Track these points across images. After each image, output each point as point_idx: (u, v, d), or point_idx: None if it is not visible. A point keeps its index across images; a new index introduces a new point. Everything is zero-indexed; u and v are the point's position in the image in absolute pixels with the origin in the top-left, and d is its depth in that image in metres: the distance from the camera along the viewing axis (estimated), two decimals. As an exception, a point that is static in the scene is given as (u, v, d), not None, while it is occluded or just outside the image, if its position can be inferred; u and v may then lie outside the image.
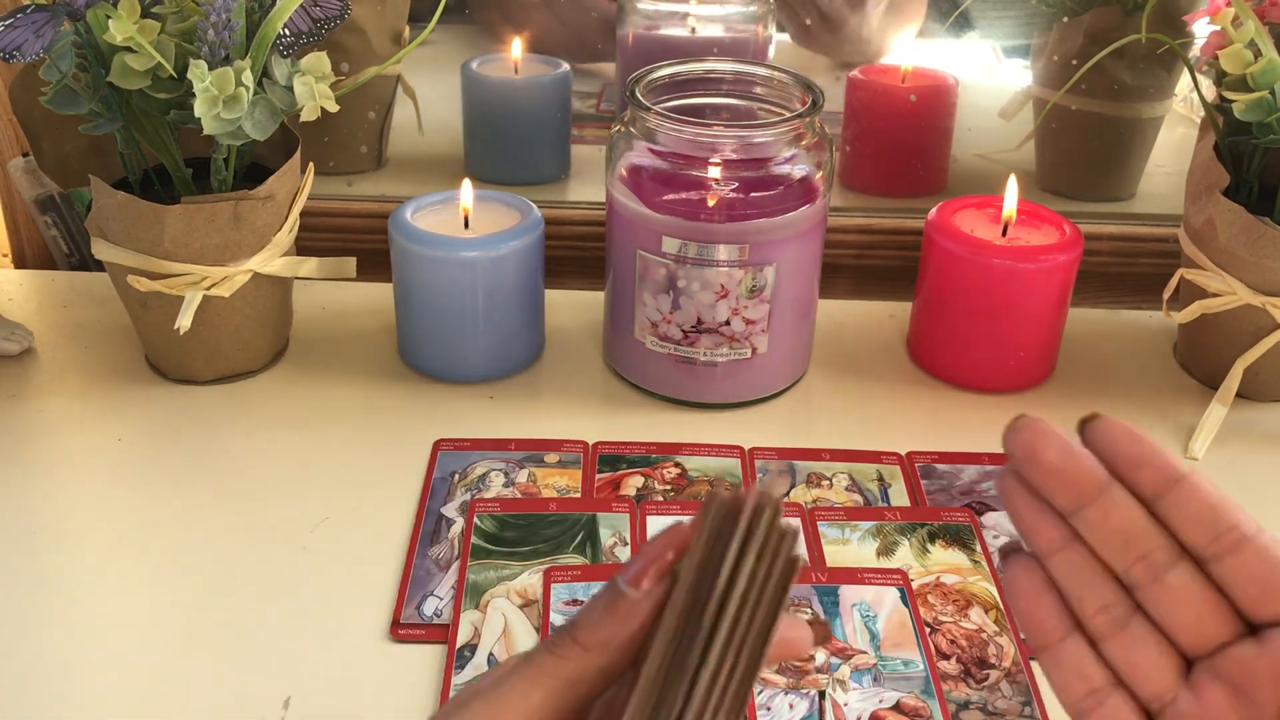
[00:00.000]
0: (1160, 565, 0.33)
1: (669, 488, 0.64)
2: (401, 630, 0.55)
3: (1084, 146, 0.90)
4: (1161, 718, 0.34)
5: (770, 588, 0.29)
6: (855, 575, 0.58)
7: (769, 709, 0.50)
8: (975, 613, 0.56)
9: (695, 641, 0.29)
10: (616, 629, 0.31)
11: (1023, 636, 0.49)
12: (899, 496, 0.64)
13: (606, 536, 0.60)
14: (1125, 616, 0.34)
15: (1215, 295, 0.69)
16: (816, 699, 0.51)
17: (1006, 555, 0.36)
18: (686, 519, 0.32)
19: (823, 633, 0.36)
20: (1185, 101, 0.92)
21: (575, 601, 0.55)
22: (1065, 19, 0.87)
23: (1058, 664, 0.35)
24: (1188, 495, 0.32)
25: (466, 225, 0.72)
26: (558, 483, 0.64)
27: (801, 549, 0.28)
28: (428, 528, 0.61)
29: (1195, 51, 0.70)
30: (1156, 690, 0.34)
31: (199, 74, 0.58)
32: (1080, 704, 0.34)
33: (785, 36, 0.96)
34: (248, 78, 0.60)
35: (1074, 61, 0.85)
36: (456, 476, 0.64)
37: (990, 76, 0.94)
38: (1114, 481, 0.34)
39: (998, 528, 0.62)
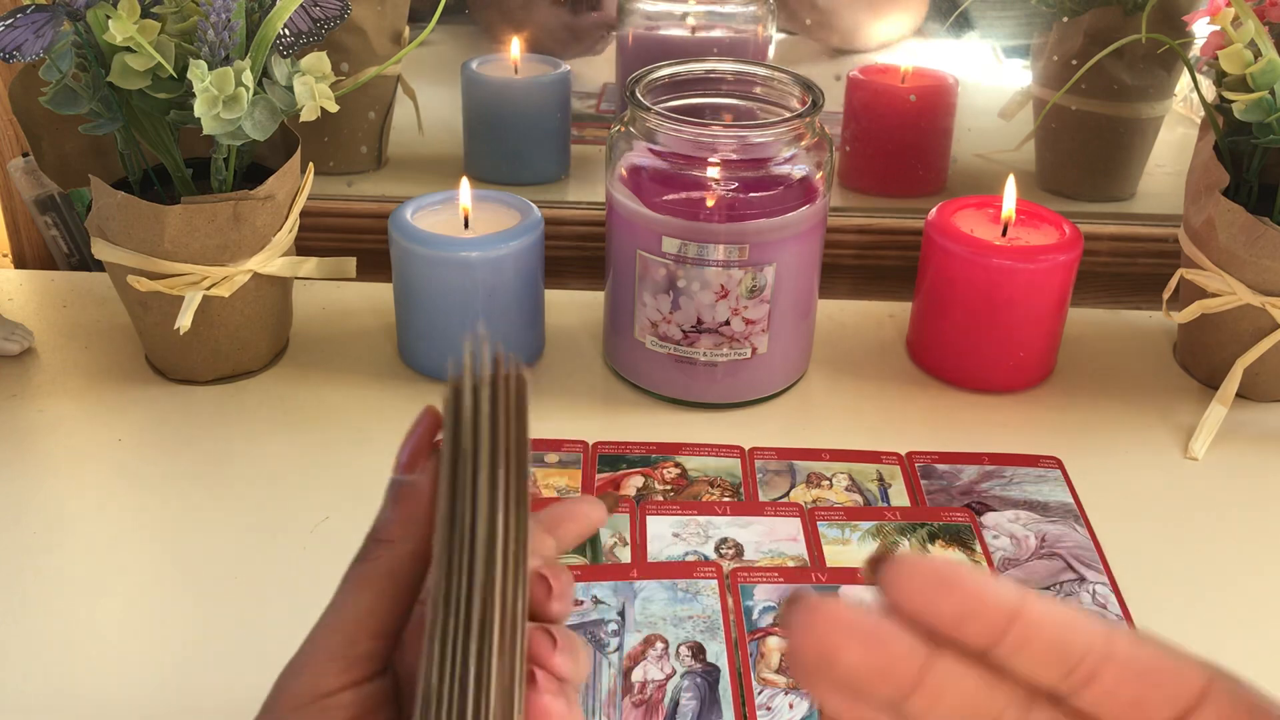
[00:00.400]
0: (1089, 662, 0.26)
1: (669, 488, 0.64)
2: (401, 630, 0.55)
3: (1084, 146, 0.90)
4: None
5: (513, 405, 0.32)
6: (855, 575, 0.58)
7: (769, 709, 0.50)
8: (975, 613, 0.56)
9: (464, 476, 0.31)
10: (406, 513, 0.33)
11: None
12: (899, 496, 0.64)
13: (606, 536, 0.60)
14: None
15: (1215, 295, 0.69)
16: (816, 699, 0.51)
17: None
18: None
19: (612, 501, 0.39)
20: (1185, 101, 0.92)
21: (575, 601, 0.56)
22: (1065, 19, 0.87)
23: None
24: (1026, 638, 0.25)
25: (466, 225, 0.72)
26: (558, 483, 0.64)
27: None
28: (428, 528, 0.61)
29: (1195, 51, 0.70)
30: None
31: (199, 74, 0.58)
32: None
33: (785, 36, 0.96)
34: (248, 78, 0.60)
35: (1074, 61, 0.85)
36: (456, 476, 0.64)
37: (990, 76, 0.94)
38: (937, 652, 0.25)
39: (997, 528, 0.62)
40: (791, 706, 0.51)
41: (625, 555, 0.59)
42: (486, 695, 0.30)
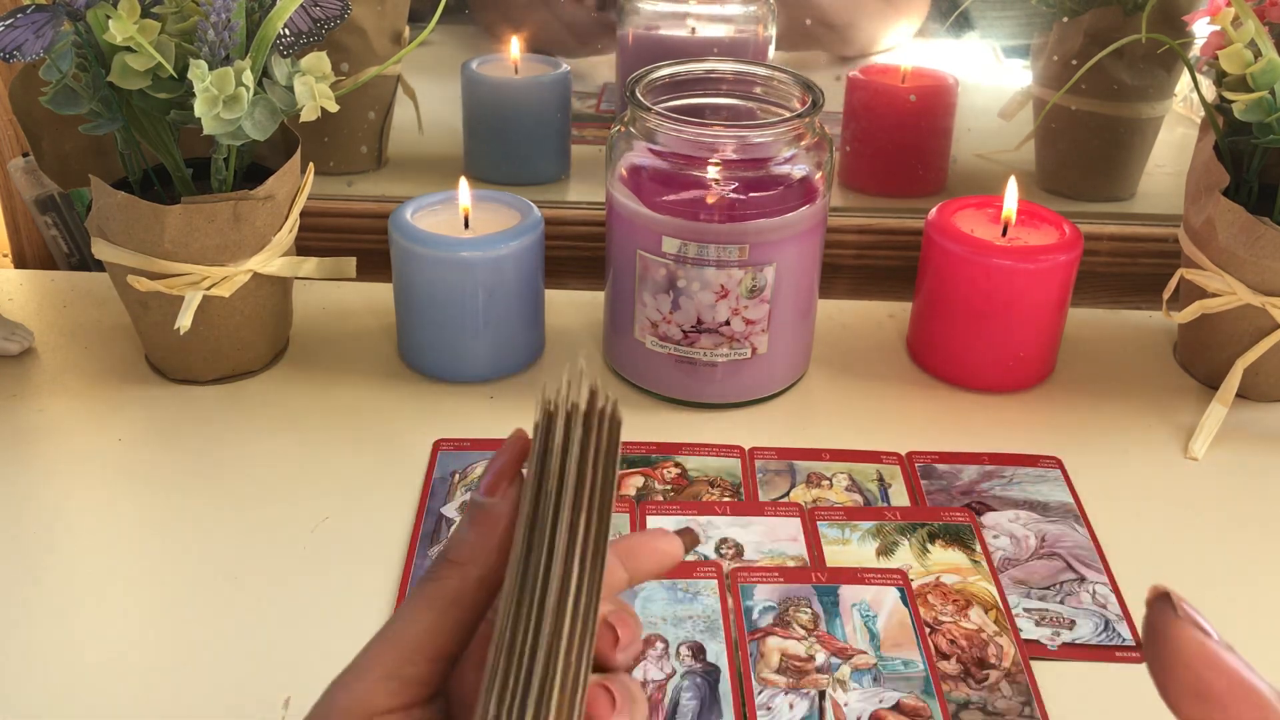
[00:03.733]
0: None
1: (669, 488, 0.64)
2: (401, 630, 0.54)
3: (1084, 146, 0.90)
4: None
5: (604, 448, 0.31)
6: (855, 575, 0.58)
7: (769, 709, 0.50)
8: (975, 613, 0.56)
9: (545, 514, 0.31)
10: (482, 538, 0.33)
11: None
12: (899, 496, 0.64)
13: (606, 536, 0.60)
14: None
15: (1215, 295, 0.69)
16: (816, 699, 0.51)
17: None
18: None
19: (691, 538, 0.38)
20: (1185, 101, 0.92)
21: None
22: (1065, 19, 0.87)
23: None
24: None
25: (466, 225, 0.72)
26: (558, 483, 0.64)
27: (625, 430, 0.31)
28: (428, 528, 0.61)
29: (1195, 51, 0.70)
30: None
31: (199, 74, 0.58)
32: None
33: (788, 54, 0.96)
34: (248, 78, 0.60)
35: (1074, 61, 0.85)
36: (456, 476, 0.64)
37: (990, 76, 0.94)
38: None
39: (997, 528, 0.62)
40: (791, 706, 0.51)
41: (625, 555, 0.59)
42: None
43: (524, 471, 0.33)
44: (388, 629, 0.33)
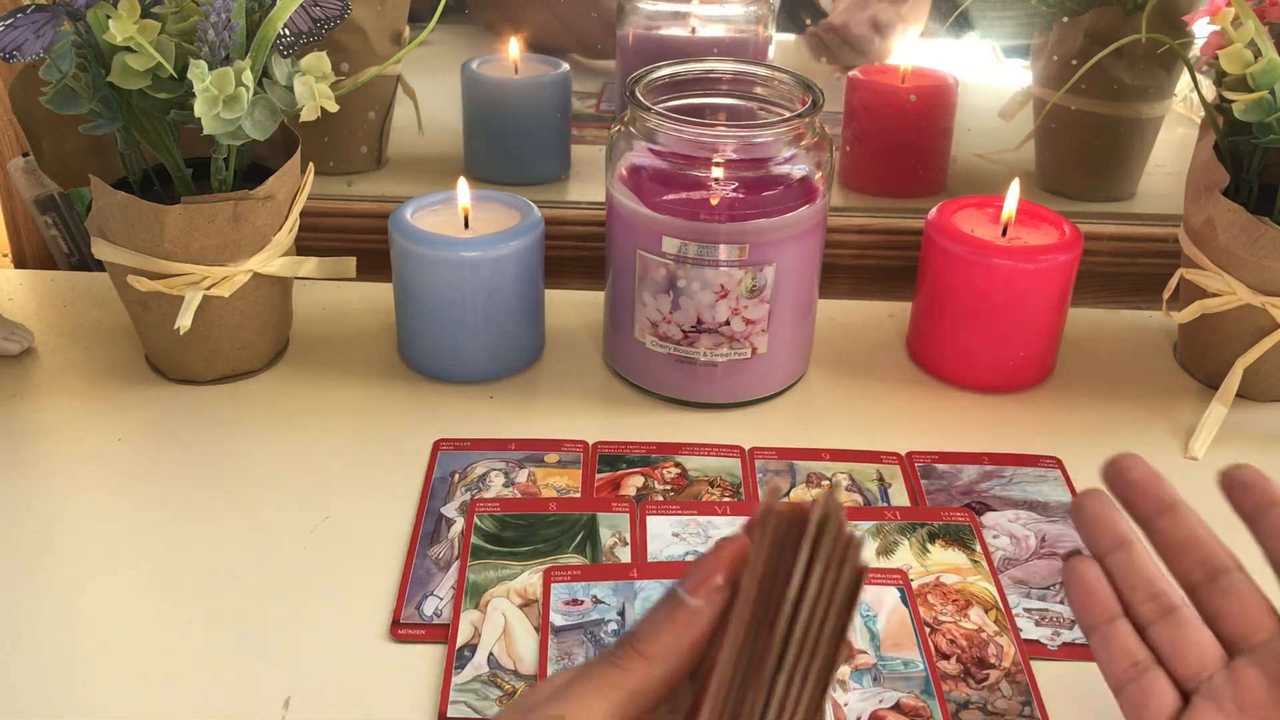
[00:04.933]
0: (1217, 569, 0.40)
1: (669, 488, 0.64)
2: (401, 630, 0.55)
3: (1084, 146, 0.90)
4: (1196, 694, 0.39)
5: (840, 593, 0.30)
6: (855, 575, 0.58)
7: (769, 709, 0.50)
8: (975, 613, 0.56)
9: (769, 649, 0.29)
10: (677, 638, 0.31)
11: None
12: (899, 496, 0.64)
13: (606, 536, 0.60)
14: (1172, 606, 0.40)
15: (1215, 295, 0.69)
16: (816, 699, 0.51)
17: (1068, 557, 0.43)
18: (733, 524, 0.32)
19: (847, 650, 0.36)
20: (1185, 101, 0.92)
21: (575, 601, 0.56)
22: (1065, 19, 0.87)
23: (1105, 641, 0.41)
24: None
25: (466, 225, 0.72)
26: (558, 483, 0.64)
27: (870, 556, 0.32)
28: (428, 528, 0.61)
29: (1195, 51, 0.70)
30: (1194, 669, 0.39)
31: (199, 74, 0.58)
32: (1121, 675, 0.40)
33: (786, 36, 0.96)
34: (248, 78, 0.60)
35: (1074, 61, 0.85)
36: (456, 476, 0.64)
37: (990, 76, 0.94)
38: (1182, 501, 0.41)
39: (997, 528, 0.62)
40: (791, 706, 0.51)
41: (625, 555, 0.59)
42: None
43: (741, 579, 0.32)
44: (554, 703, 0.31)
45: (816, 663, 0.30)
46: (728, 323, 0.68)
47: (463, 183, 0.72)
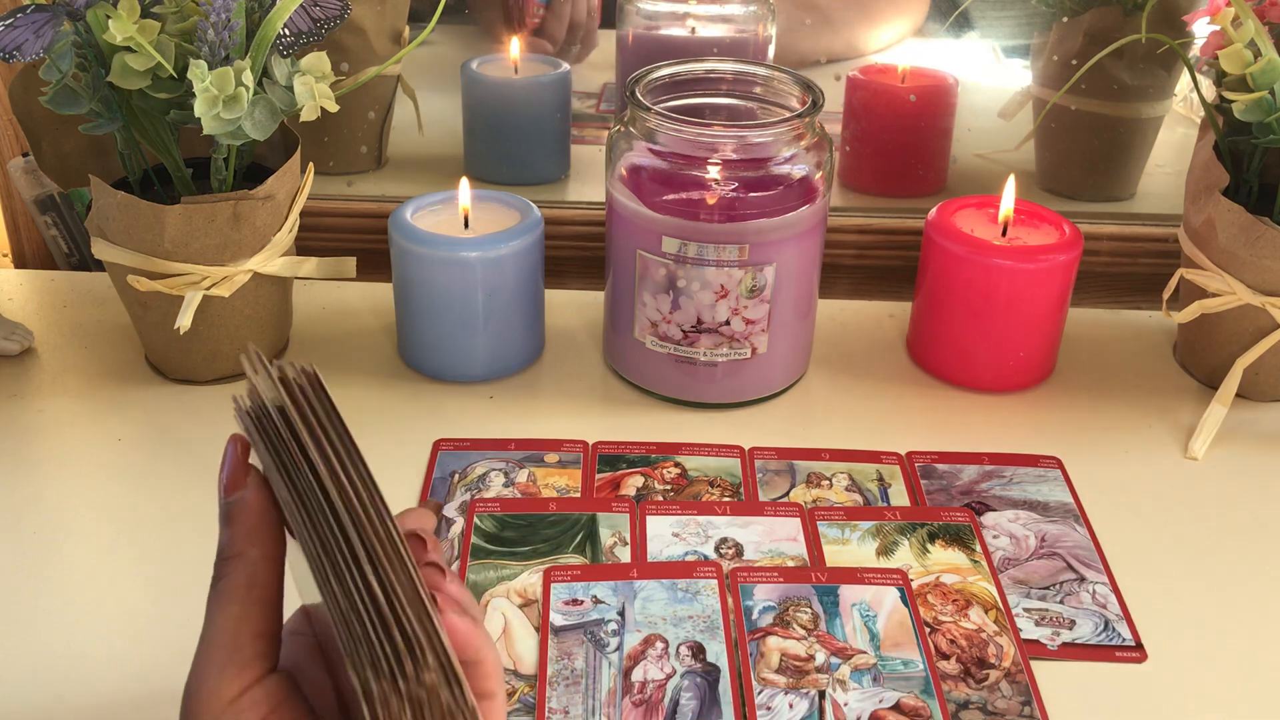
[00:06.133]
0: None
1: (669, 488, 0.64)
2: (401, 630, 0.54)
3: (1084, 146, 0.90)
4: None
5: (310, 391, 0.35)
6: (855, 575, 0.58)
7: (769, 709, 0.50)
8: (975, 613, 0.56)
9: (292, 459, 0.34)
10: (244, 526, 0.37)
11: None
12: (899, 496, 0.64)
13: (606, 536, 0.60)
14: None
15: (1215, 295, 0.69)
16: (816, 699, 0.51)
17: None
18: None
19: (435, 505, 0.42)
20: (1185, 101, 0.92)
21: (575, 601, 0.56)
22: (1065, 19, 0.87)
23: None
24: None
25: (466, 225, 0.72)
26: (558, 483, 0.64)
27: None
28: (428, 528, 0.61)
29: (1195, 51, 0.70)
30: None
31: (199, 74, 0.58)
32: None
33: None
34: (248, 78, 0.60)
35: (1074, 61, 0.85)
36: (456, 476, 0.64)
37: (990, 76, 0.94)
38: None
39: (997, 528, 0.62)
40: (791, 706, 0.51)
41: (625, 555, 0.59)
42: (399, 599, 0.32)
43: (254, 464, 0.38)
44: (204, 634, 0.36)
45: (346, 458, 0.34)
46: (728, 323, 0.68)
47: (463, 183, 0.72)
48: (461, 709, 0.33)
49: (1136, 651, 0.54)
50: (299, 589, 0.41)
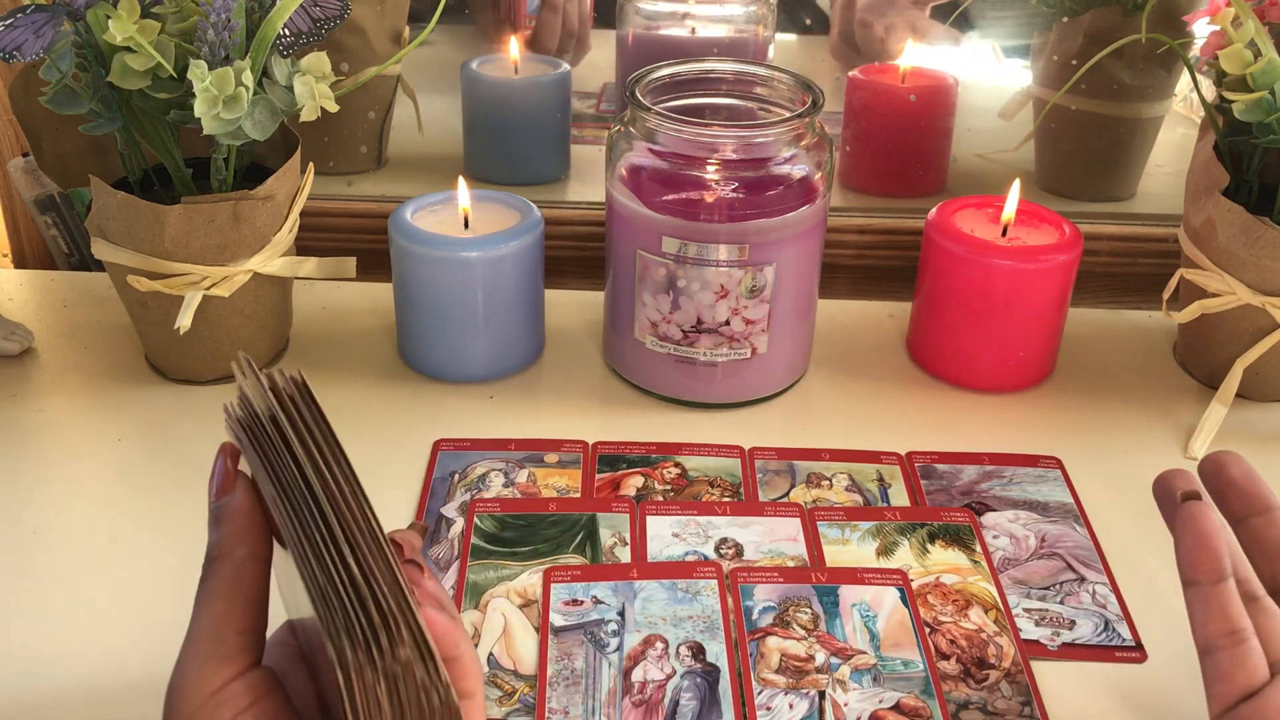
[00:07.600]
0: None
1: (669, 488, 0.64)
2: (401, 630, 0.54)
3: (1084, 146, 0.90)
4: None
5: (297, 395, 0.36)
6: (855, 575, 0.58)
7: (769, 709, 0.50)
8: (975, 613, 0.56)
9: (279, 457, 0.35)
10: (232, 527, 0.38)
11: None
12: (899, 496, 0.64)
13: (606, 536, 0.60)
14: (1258, 594, 0.42)
15: (1215, 295, 0.69)
16: (816, 699, 0.51)
17: (1185, 499, 0.43)
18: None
19: (421, 528, 0.43)
20: (1185, 101, 0.92)
21: (575, 601, 0.56)
22: (1065, 19, 0.87)
23: (1205, 600, 0.42)
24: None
25: (466, 225, 0.72)
26: (558, 483, 0.64)
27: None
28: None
29: (1195, 51, 0.70)
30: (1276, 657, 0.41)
31: (199, 74, 0.58)
32: (1214, 639, 0.41)
33: (786, 36, 0.96)
34: (248, 78, 0.60)
35: (1074, 61, 0.85)
36: (456, 476, 0.64)
37: (990, 76, 0.94)
38: (1277, 505, 0.43)
39: (997, 528, 0.62)
40: (791, 706, 0.51)
41: (625, 555, 0.59)
42: (376, 580, 0.33)
43: (243, 470, 0.38)
44: (189, 630, 0.37)
45: (333, 462, 0.35)
46: (728, 323, 0.68)
47: (462, 183, 0.72)
48: (435, 685, 0.33)
49: (1136, 651, 0.54)
50: (285, 605, 0.41)
